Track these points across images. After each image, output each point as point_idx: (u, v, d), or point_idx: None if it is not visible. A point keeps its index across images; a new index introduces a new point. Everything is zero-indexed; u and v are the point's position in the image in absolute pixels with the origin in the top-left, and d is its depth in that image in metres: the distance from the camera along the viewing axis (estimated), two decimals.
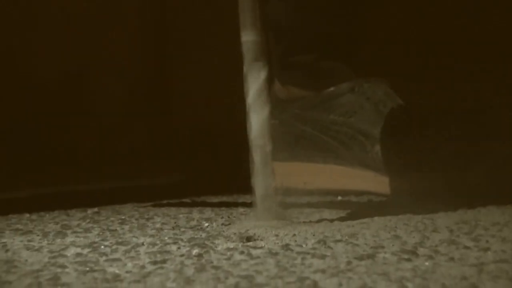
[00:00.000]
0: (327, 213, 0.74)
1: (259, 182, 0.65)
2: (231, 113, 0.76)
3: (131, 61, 1.59)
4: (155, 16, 1.63)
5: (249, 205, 0.74)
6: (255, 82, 0.65)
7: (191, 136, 1.54)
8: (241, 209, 0.78)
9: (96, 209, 0.82)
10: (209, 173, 1.28)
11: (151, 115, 1.58)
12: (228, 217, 0.74)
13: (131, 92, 1.58)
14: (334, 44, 0.95)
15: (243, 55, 0.66)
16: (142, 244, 0.60)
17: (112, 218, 0.76)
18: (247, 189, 0.68)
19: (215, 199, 0.92)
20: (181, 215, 0.77)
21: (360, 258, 0.52)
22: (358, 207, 0.82)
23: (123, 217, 0.76)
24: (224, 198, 0.92)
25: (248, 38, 0.65)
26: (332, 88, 0.94)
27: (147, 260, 0.53)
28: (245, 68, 0.66)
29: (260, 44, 0.66)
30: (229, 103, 1.28)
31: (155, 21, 1.63)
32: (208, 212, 0.78)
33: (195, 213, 0.78)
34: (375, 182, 0.91)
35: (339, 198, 0.90)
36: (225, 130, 1.38)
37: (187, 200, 0.94)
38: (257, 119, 0.65)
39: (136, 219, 0.75)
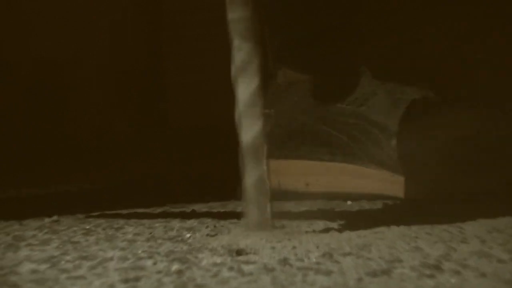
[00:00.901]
0: (333, 221, 0.74)
1: (252, 185, 0.65)
2: (223, 113, 0.76)
3: (122, 56, 1.65)
4: (149, 10, 1.68)
5: (239, 212, 0.75)
6: (248, 78, 0.65)
7: (177, 136, 1.57)
8: (230, 217, 0.78)
9: (55, 218, 0.82)
10: (194, 176, 1.28)
11: (137, 113, 1.63)
12: (215, 226, 0.74)
13: (118, 90, 1.63)
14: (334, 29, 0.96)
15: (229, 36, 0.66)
16: (111, 258, 0.60)
17: (74, 228, 0.76)
18: (237, 194, 0.68)
19: (199, 206, 0.92)
20: (157, 224, 0.77)
21: (373, 274, 0.53)
22: (371, 214, 0.82)
23: (87, 227, 0.76)
24: (210, 205, 0.92)
25: (237, 15, 0.65)
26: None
27: (117, 277, 0.53)
28: (232, 53, 0.66)
29: (251, 22, 0.66)
30: (220, 103, 1.30)
31: (149, 16, 1.68)
32: (191, 220, 0.78)
33: (175, 222, 0.78)
34: (392, 184, 0.91)
35: (349, 202, 0.91)
36: (217, 131, 1.41)
37: (165, 206, 0.94)
38: (250, 130, 0.65)
39: (104, 229, 0.75)
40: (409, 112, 0.93)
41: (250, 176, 0.65)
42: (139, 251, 0.63)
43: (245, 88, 0.65)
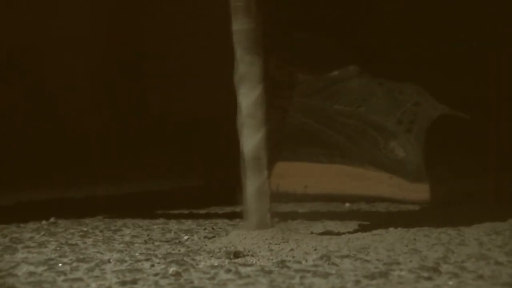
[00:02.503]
0: (332, 223, 0.74)
1: (251, 186, 0.65)
2: (212, 110, 0.76)
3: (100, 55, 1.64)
4: (131, 8, 1.67)
5: (237, 214, 0.75)
6: (249, 87, 0.65)
7: (167, 135, 1.56)
8: (227, 219, 0.78)
9: (52, 220, 0.82)
10: (190, 176, 1.28)
11: (123, 113, 1.62)
12: (212, 228, 0.74)
13: (97, 90, 1.62)
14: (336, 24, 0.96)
15: (234, 48, 0.66)
16: (108, 261, 0.60)
17: (71, 230, 0.75)
18: (235, 196, 0.68)
19: (196, 208, 0.92)
20: (155, 226, 0.77)
21: (371, 276, 0.53)
22: (370, 216, 0.82)
23: (85, 229, 0.76)
24: (208, 207, 0.92)
25: (240, 26, 0.65)
26: (336, 72, 0.95)
27: (114, 280, 0.53)
28: (235, 64, 0.65)
29: (255, 34, 0.65)
30: (210, 99, 1.30)
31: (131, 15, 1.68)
32: (188, 222, 0.78)
33: (173, 223, 0.78)
34: (390, 186, 0.92)
35: (347, 205, 0.91)
36: (206, 128, 1.41)
37: (163, 209, 0.94)
38: (251, 139, 0.65)
39: (101, 231, 0.75)
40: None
41: (251, 185, 0.65)
42: (137, 253, 0.63)
43: (247, 97, 0.65)
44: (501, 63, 1.03)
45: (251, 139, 0.65)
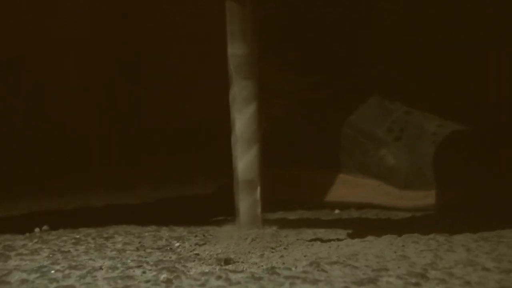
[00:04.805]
0: (321, 230, 0.74)
1: (245, 211, 0.65)
2: (206, 115, 0.76)
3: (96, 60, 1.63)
4: (125, 14, 1.67)
5: (228, 221, 0.75)
6: (243, 108, 0.65)
7: (160, 139, 1.56)
8: (218, 227, 0.78)
9: (45, 227, 0.82)
10: (183, 182, 1.28)
11: (116, 119, 1.62)
12: (203, 235, 0.74)
13: (92, 94, 1.62)
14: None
15: (229, 71, 0.66)
16: (100, 268, 0.60)
17: (64, 238, 0.75)
18: (226, 203, 0.68)
19: (188, 215, 0.92)
20: (147, 234, 0.77)
21: (360, 283, 0.53)
22: (360, 222, 0.82)
23: (77, 236, 0.76)
24: (199, 214, 0.92)
25: (235, 51, 0.66)
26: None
27: (106, 287, 0.54)
28: (230, 85, 0.66)
29: (249, 58, 0.66)
30: (203, 104, 1.30)
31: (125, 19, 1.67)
32: (180, 229, 0.78)
33: (164, 231, 0.78)
34: (380, 193, 0.92)
35: (337, 211, 0.91)
36: (198, 132, 1.41)
37: (155, 216, 0.94)
38: (244, 157, 0.65)
39: (93, 239, 0.74)
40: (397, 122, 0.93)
41: (243, 205, 0.65)
42: (128, 261, 0.63)
43: (241, 116, 0.65)
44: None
45: (243, 157, 0.65)
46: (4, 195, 1.21)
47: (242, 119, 0.64)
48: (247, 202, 0.65)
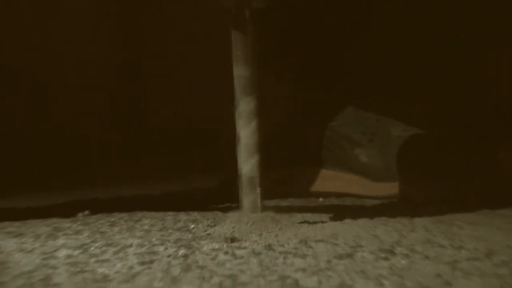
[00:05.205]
0: (309, 215, 0.74)
1: (247, 205, 0.65)
2: (212, 115, 0.76)
3: (110, 66, 1.58)
4: (133, 21, 1.61)
5: (234, 207, 0.75)
6: (246, 122, 0.65)
7: (169, 138, 1.53)
8: (226, 212, 0.78)
9: (87, 212, 0.82)
10: (193, 174, 1.28)
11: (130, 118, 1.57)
12: (214, 218, 0.74)
13: (111, 96, 1.57)
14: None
15: (234, 89, 0.66)
16: (131, 245, 0.60)
17: (101, 221, 0.75)
18: (230, 194, 0.68)
19: (201, 203, 0.92)
20: (168, 217, 0.76)
21: (340, 257, 0.53)
22: (339, 208, 0.82)
23: (112, 220, 0.76)
24: (210, 202, 0.92)
25: (239, 72, 0.65)
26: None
27: (135, 260, 0.54)
28: (236, 102, 0.65)
29: (251, 78, 0.65)
30: (208, 105, 1.27)
31: (133, 26, 1.61)
32: (194, 214, 0.78)
33: (182, 215, 0.78)
34: (356, 184, 0.92)
35: (321, 199, 0.91)
36: (203, 131, 1.38)
37: (174, 203, 0.93)
38: (247, 163, 0.65)
39: (125, 221, 0.74)
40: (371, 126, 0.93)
41: (247, 198, 0.65)
42: (153, 239, 0.63)
43: (244, 130, 0.65)
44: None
45: (247, 163, 0.65)
46: (52, 187, 1.21)
47: (246, 132, 0.64)
48: (249, 195, 0.65)
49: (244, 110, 0.64)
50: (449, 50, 1.02)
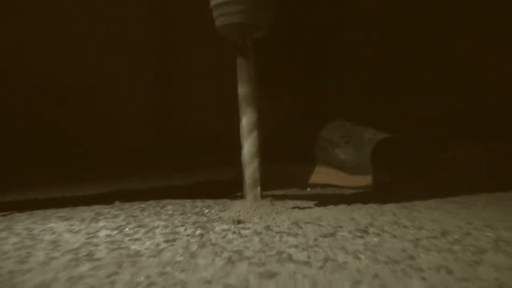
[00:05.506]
0: (299, 201, 0.73)
1: (251, 198, 0.65)
2: (229, 121, 0.75)
3: (144, 77, 1.57)
4: (165, 39, 1.59)
5: (239, 196, 0.74)
6: (249, 134, 0.64)
7: (192, 141, 1.53)
8: (233, 200, 0.77)
9: (121, 201, 0.81)
10: (207, 170, 1.28)
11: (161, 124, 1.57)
12: (224, 205, 0.74)
13: (146, 104, 1.56)
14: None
15: (238, 103, 0.65)
16: (157, 226, 0.60)
17: (134, 207, 0.75)
18: (239, 184, 0.68)
19: (213, 192, 0.92)
20: (187, 204, 0.76)
21: (324, 236, 0.52)
22: (323, 196, 0.82)
23: (143, 206, 0.76)
24: (221, 192, 0.92)
25: (243, 89, 0.64)
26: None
27: (161, 239, 0.53)
28: (240, 113, 0.65)
29: (252, 94, 0.65)
30: (225, 112, 1.27)
31: (165, 42, 1.59)
32: (208, 201, 0.78)
33: (198, 202, 0.78)
34: (336, 177, 0.91)
35: (308, 189, 0.91)
36: (217, 138, 1.37)
37: (192, 193, 0.93)
38: (251, 166, 0.65)
39: (153, 207, 0.74)
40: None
41: (250, 192, 0.65)
42: (176, 221, 0.62)
43: (248, 140, 0.64)
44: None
45: (250, 166, 0.64)
46: (94, 180, 1.21)
47: (249, 142, 0.64)
48: (252, 190, 0.65)
49: (246, 122, 0.64)
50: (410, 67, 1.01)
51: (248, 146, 0.64)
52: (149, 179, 1.18)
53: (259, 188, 0.65)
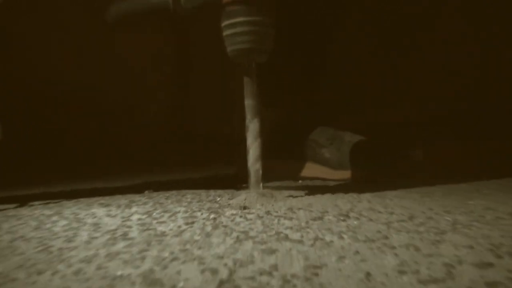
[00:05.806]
0: (293, 191, 0.73)
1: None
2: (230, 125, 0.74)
3: (163, 90, 1.51)
4: (181, 58, 1.52)
5: (245, 187, 0.73)
6: (254, 139, 0.63)
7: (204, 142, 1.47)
8: (240, 190, 0.77)
9: (151, 191, 0.81)
10: (217, 167, 1.26)
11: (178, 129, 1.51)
12: (232, 194, 0.73)
13: (166, 112, 1.50)
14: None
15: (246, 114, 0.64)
16: (179, 211, 0.59)
17: (160, 196, 0.74)
18: (245, 178, 0.67)
19: (224, 184, 0.91)
20: (202, 193, 0.76)
21: (314, 219, 0.51)
22: (312, 187, 0.81)
23: (167, 195, 0.75)
24: (230, 183, 0.91)
25: (248, 102, 0.64)
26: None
27: (182, 222, 0.53)
28: (247, 121, 0.64)
29: (256, 106, 0.64)
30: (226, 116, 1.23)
31: (181, 62, 1.53)
32: (219, 191, 0.77)
33: (211, 191, 0.77)
34: (323, 172, 0.90)
35: (300, 181, 0.90)
36: (225, 138, 1.34)
37: (206, 184, 0.93)
38: (255, 166, 0.64)
39: (175, 196, 0.74)
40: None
41: (253, 186, 0.64)
42: (193, 207, 0.62)
43: (254, 145, 0.64)
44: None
45: (254, 165, 0.64)
46: (128, 173, 1.20)
47: (254, 146, 0.63)
48: (255, 183, 0.64)
49: (252, 130, 0.63)
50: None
51: (254, 149, 0.63)
52: (168, 173, 1.18)
53: (260, 182, 0.64)
